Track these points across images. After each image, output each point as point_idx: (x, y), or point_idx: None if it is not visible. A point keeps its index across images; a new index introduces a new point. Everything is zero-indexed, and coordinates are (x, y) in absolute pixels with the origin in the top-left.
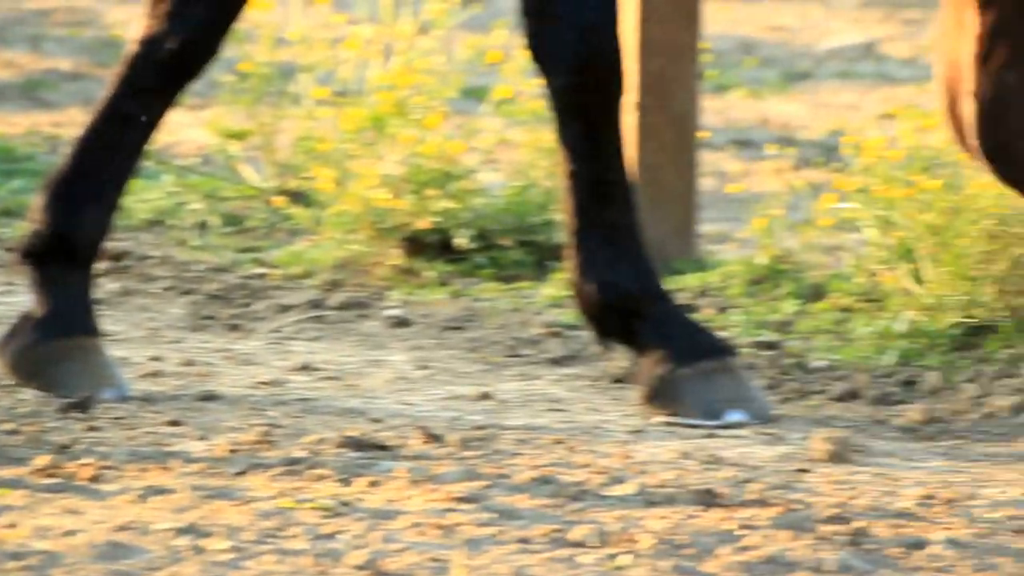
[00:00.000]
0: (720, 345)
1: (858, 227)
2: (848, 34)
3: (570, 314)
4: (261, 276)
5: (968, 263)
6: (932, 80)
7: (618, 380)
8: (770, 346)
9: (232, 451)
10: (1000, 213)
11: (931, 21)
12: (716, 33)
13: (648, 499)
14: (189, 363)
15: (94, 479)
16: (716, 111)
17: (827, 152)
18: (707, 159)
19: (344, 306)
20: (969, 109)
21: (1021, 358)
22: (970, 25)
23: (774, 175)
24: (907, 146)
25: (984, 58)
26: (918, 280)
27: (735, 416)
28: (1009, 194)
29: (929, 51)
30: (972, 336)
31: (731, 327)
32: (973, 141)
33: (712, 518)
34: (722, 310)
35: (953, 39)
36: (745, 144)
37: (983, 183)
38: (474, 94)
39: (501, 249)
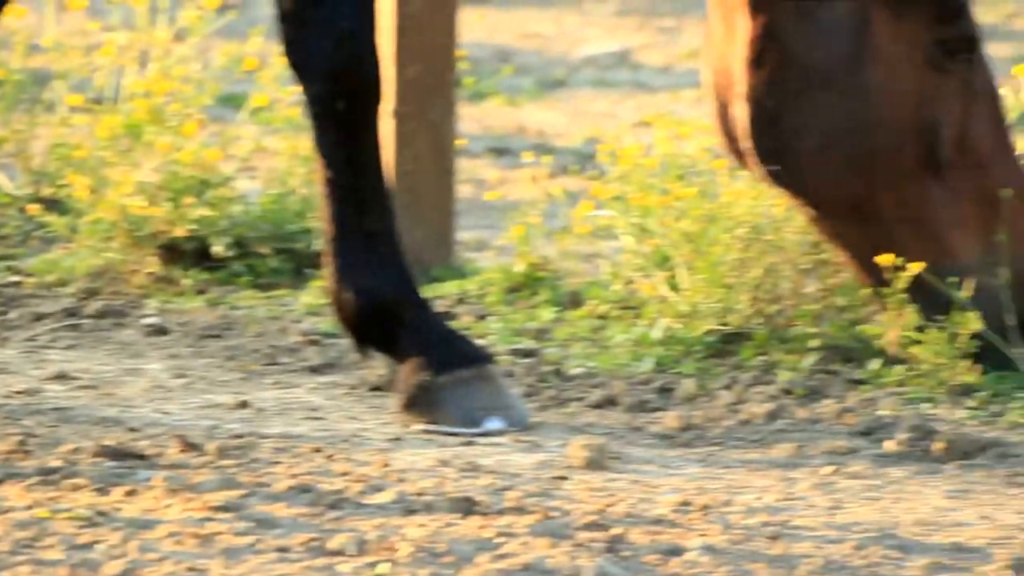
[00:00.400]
0: (478, 353)
1: (615, 235)
2: (603, 42)
3: (328, 322)
4: (16, 284)
5: (723, 271)
6: (687, 88)
7: (376, 388)
8: (528, 353)
9: None
10: (754, 221)
11: (685, 29)
12: (473, 41)
13: (407, 507)
14: None
15: None
16: (473, 119)
17: (583, 160)
18: (465, 167)
19: (100, 314)
20: (742, 113)
21: (775, 365)
22: (741, 29)
23: (531, 183)
24: (662, 154)
25: (756, 61)
26: (674, 287)
27: (493, 424)
28: (763, 202)
29: (683, 59)
30: (727, 343)
31: (489, 335)
32: (747, 144)
33: (471, 526)
34: (480, 318)
35: (722, 44)
36: (502, 152)
37: (737, 191)
38: (231, 101)
39: (259, 257)
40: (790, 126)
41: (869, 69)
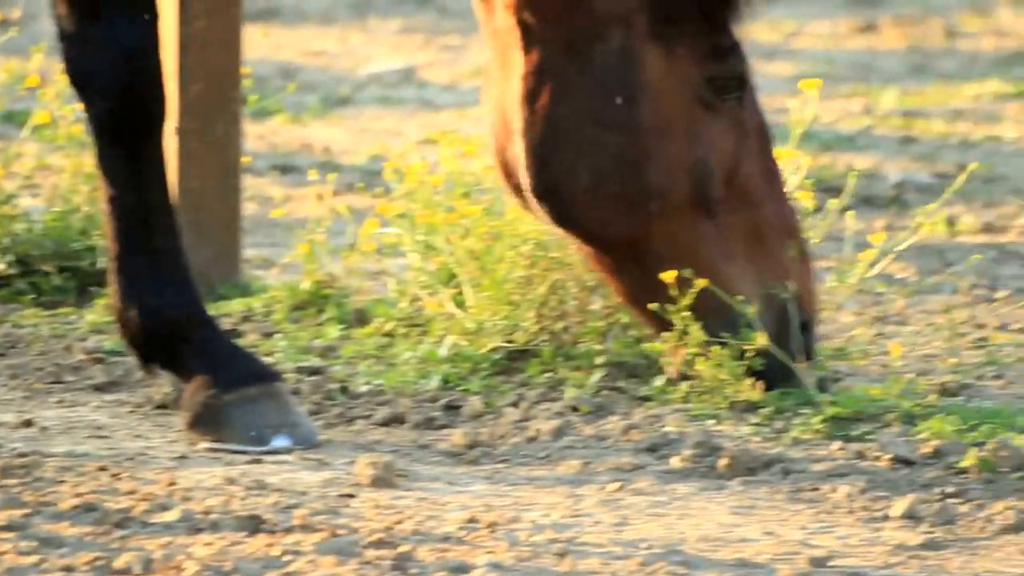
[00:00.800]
0: (265, 371)
1: (401, 252)
2: (388, 60)
3: (113, 340)
4: None
5: (509, 288)
6: (473, 106)
7: (162, 406)
8: (314, 371)
9: None
10: (539, 238)
11: (470, 47)
12: (257, 58)
13: (193, 526)
14: None
15: None
16: (258, 136)
17: (369, 177)
18: (250, 184)
19: None
20: (518, 150)
21: (562, 382)
22: (515, 65)
23: (316, 200)
24: (448, 171)
25: (529, 98)
26: (460, 305)
27: (280, 442)
28: None
29: (468, 77)
30: (514, 360)
31: (275, 352)
32: (523, 182)
33: (258, 544)
34: (266, 335)
35: (498, 81)
36: (288, 169)
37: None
38: (13, 119)
39: (42, 275)
40: (563, 164)
41: (640, 106)
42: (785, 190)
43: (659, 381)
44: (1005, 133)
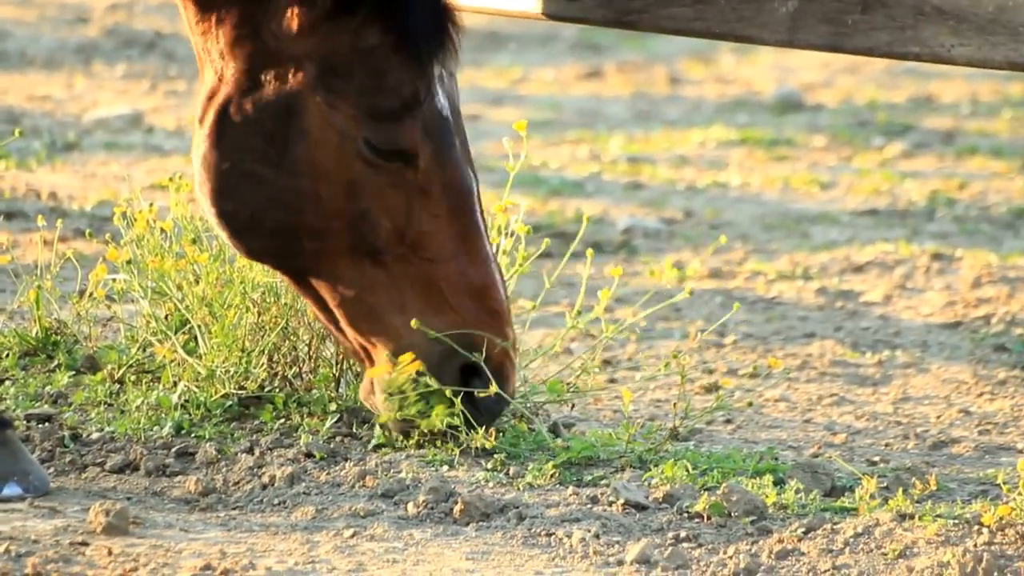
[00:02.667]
0: None
1: (131, 298)
2: (114, 105)
3: None
4: None
5: (240, 334)
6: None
7: None
8: (45, 418)
9: None
10: (270, 284)
11: (196, 93)
12: None
13: None
14: None
15: None
16: None
17: (97, 223)
18: None
19: None
20: (201, 174)
21: (296, 428)
22: (202, 84)
23: (45, 246)
24: (177, 217)
25: (201, 120)
26: (192, 351)
27: (11, 490)
28: None
29: (194, 122)
30: (247, 407)
31: (5, 399)
32: (208, 207)
33: None
34: None
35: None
36: (13, 215)
37: None
38: None
39: None
40: (228, 190)
41: (296, 150)
42: (484, 249)
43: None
44: (730, 179)
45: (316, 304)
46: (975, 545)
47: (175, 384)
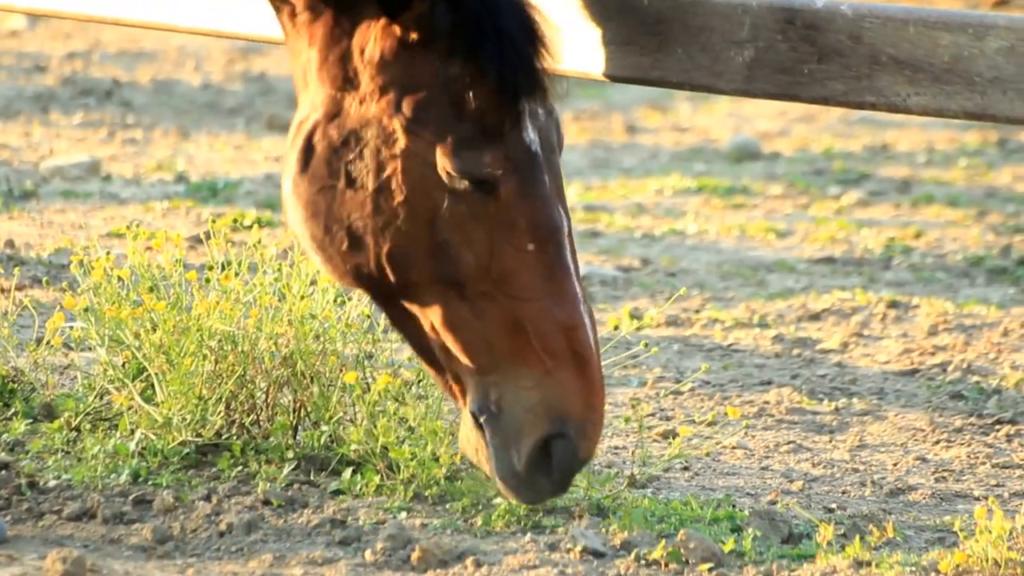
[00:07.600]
0: None
1: (88, 346)
2: (71, 153)
3: None
4: None
5: (197, 382)
6: (157, 199)
7: None
8: (2, 466)
9: None
10: (227, 332)
11: (153, 141)
12: None
13: None
14: None
15: None
16: None
17: (55, 271)
18: None
19: None
20: (290, 198)
21: (253, 476)
22: (298, 108)
23: (2, 294)
24: (134, 265)
25: (292, 144)
26: (149, 399)
27: None
28: (236, 314)
29: (152, 171)
30: (204, 454)
31: None
32: (298, 230)
33: None
34: None
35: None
36: None
37: (210, 303)
38: None
39: None
40: (316, 216)
41: (378, 176)
42: (572, 289)
43: (349, 474)
44: (687, 227)
45: (409, 339)
46: None
47: (132, 432)
